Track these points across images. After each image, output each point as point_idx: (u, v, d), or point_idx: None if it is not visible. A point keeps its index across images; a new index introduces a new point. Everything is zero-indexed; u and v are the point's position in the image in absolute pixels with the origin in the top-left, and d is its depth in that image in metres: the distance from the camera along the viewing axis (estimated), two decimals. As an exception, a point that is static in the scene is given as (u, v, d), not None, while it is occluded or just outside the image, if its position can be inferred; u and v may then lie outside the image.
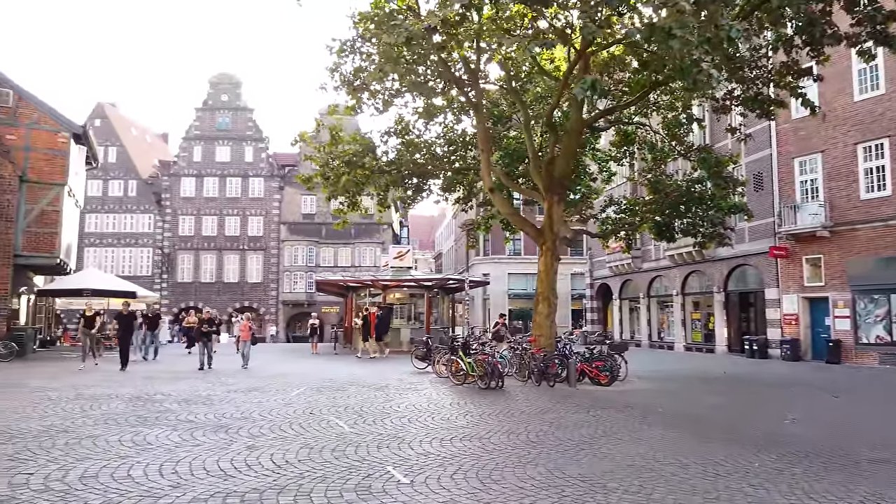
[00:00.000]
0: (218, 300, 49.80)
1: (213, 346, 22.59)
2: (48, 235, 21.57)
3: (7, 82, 21.60)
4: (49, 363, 18.06)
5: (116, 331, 16.23)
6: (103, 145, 51.80)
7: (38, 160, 21.58)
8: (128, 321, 16.26)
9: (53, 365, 17.34)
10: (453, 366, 13.57)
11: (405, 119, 18.31)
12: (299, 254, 51.08)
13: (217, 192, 51.44)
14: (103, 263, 50.75)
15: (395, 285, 25.35)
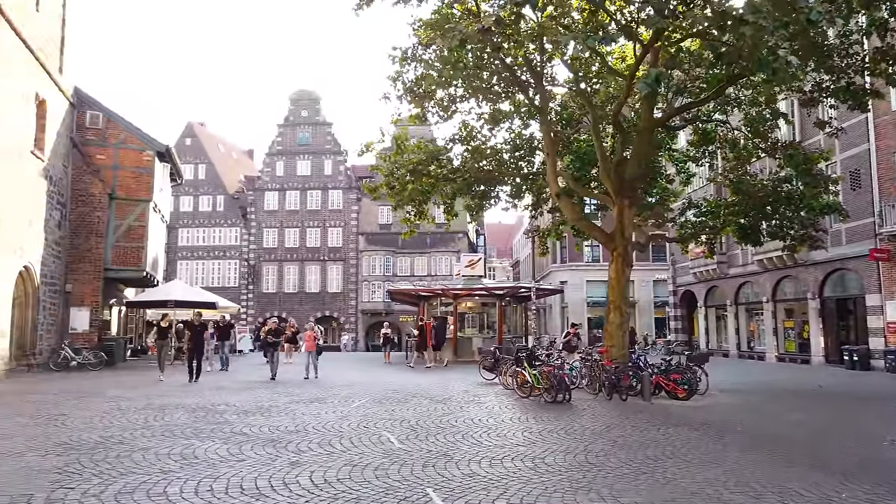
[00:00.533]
0: (300, 310, 51.20)
1: (291, 356, 23.01)
2: (135, 249, 22.64)
3: (97, 105, 22.89)
4: (133, 372, 18.84)
5: (187, 341, 16.24)
6: (193, 163, 54.55)
7: (126, 178, 22.72)
8: (198, 332, 16.16)
9: (137, 374, 18.05)
10: (518, 378, 13.10)
11: (469, 125, 17.99)
12: (377, 263, 51.75)
13: (298, 204, 52.94)
14: (194, 275, 53.24)
15: (465, 294, 25.05)
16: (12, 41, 16.65)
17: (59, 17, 20.73)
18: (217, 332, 20.25)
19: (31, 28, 18.13)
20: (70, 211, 21.65)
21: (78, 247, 21.74)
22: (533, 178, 19.64)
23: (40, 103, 19.12)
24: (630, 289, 42.28)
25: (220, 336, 20.15)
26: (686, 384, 13.06)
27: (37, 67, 18.55)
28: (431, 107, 16.93)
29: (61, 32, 20.96)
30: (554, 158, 15.63)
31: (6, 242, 16.78)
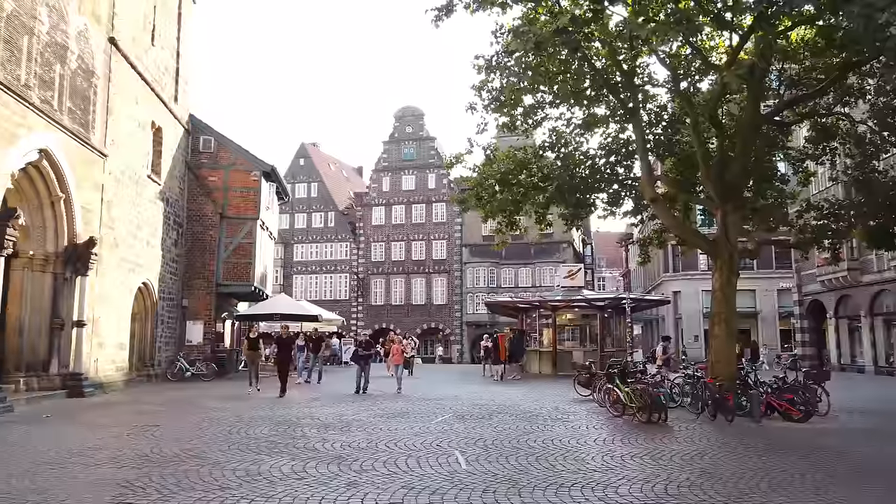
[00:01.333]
0: (407, 322, 51.96)
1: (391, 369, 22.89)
2: (244, 265, 23.79)
3: (209, 130, 24.36)
4: (239, 383, 19.61)
5: (275, 354, 16.41)
6: (306, 182, 57.12)
7: (235, 198, 23.97)
8: (285, 345, 16.09)
9: (241, 385, 18.76)
10: (611, 395, 12.36)
11: (559, 131, 17.39)
12: (480, 275, 51.60)
13: (404, 218, 53.90)
14: (309, 289, 55.53)
15: (564, 306, 24.27)
16: (128, 74, 17.99)
17: (173, 49, 22.27)
18: (309, 345, 20.24)
19: (146, 61, 19.57)
20: (186, 230, 23.09)
21: (193, 264, 23.13)
22: (632, 183, 18.70)
23: (156, 131, 20.56)
24: (753, 299, 39.56)
25: (312, 349, 20.04)
26: (802, 404, 11.81)
27: (153, 97, 19.97)
28: (519, 115, 16.57)
29: (176, 64, 22.51)
30: (648, 162, 14.75)
31: (126, 261, 18.08)
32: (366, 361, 16.60)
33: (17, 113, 12.45)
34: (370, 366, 16.80)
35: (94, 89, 15.78)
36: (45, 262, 14.47)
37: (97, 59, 15.91)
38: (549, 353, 24.24)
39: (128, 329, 18.46)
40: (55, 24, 14.02)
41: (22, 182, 13.66)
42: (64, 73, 14.42)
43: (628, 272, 69.66)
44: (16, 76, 12.48)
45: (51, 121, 13.67)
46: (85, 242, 14.98)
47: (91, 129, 15.67)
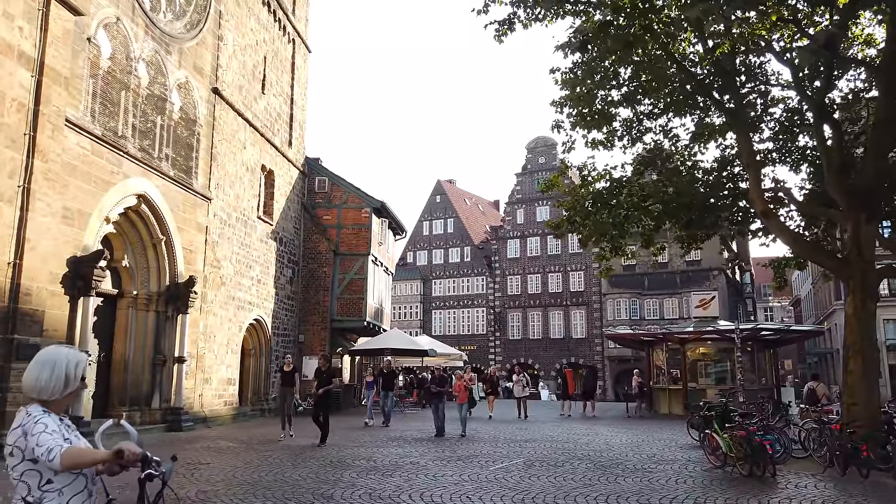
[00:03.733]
0: (545, 356, 50.30)
1: (492, 407, 21.44)
2: (356, 300, 24.08)
3: (324, 171, 25.23)
4: (346, 418, 19.53)
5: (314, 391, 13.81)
6: (442, 218, 57.98)
7: (347, 235, 24.48)
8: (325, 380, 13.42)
9: (346, 420, 18.63)
10: (711, 442, 10.49)
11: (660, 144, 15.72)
12: (622, 307, 48.78)
13: (539, 250, 52.67)
14: (447, 324, 55.85)
15: (693, 338, 21.79)
16: (235, 121, 19.01)
17: (286, 96, 23.41)
18: (380, 380, 18.19)
19: (256, 108, 20.65)
20: (302, 268, 23.86)
21: (308, 300, 23.79)
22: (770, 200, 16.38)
23: (267, 174, 21.54)
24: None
25: (384, 385, 17.78)
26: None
27: (263, 142, 20.98)
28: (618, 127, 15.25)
29: (290, 110, 23.62)
30: (757, 171, 12.75)
31: (234, 299, 18.85)
32: (440, 399, 15.12)
33: (111, 162, 13.38)
34: (444, 403, 15.24)
35: (196, 137, 16.75)
36: (149, 301, 15.32)
37: (200, 108, 16.91)
38: (680, 390, 21.84)
39: (237, 364, 19.13)
40: (153, 79, 15.06)
41: (124, 226, 14.64)
42: (163, 123, 15.41)
43: (798, 301, 62.69)
44: (110, 128, 13.45)
45: (148, 168, 14.58)
46: (185, 282, 15.71)
47: (193, 174, 16.58)
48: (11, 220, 10.62)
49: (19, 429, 2.57)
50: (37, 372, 2.66)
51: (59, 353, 2.73)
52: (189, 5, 16.94)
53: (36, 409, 2.64)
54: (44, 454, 2.49)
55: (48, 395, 2.65)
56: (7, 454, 2.58)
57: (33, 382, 2.65)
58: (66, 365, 2.69)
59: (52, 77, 11.41)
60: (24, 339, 10.72)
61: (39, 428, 2.54)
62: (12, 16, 10.65)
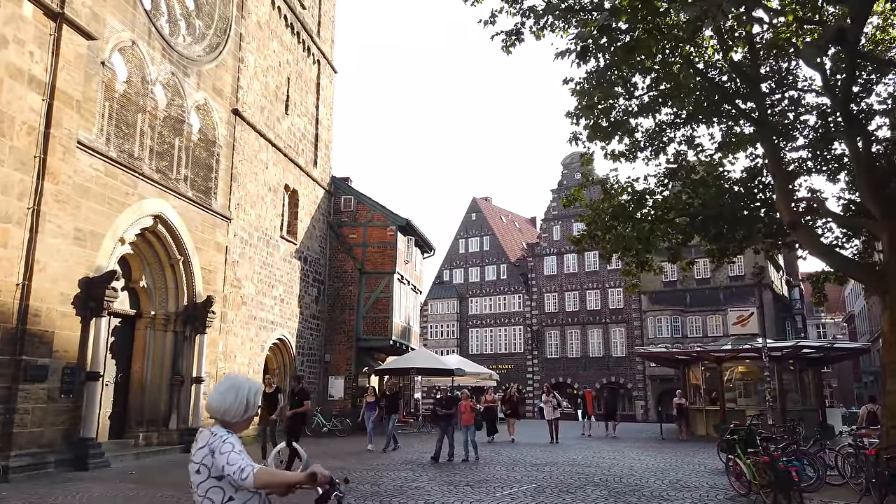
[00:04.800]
0: (584, 375, 49.16)
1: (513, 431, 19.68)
2: (382, 319, 23.87)
3: (349, 190, 25.25)
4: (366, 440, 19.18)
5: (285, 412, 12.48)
6: (478, 236, 57.68)
7: (373, 253, 24.36)
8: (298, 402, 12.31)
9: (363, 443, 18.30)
10: (735, 467, 9.80)
11: (684, 154, 15.11)
12: (663, 324, 47.41)
13: (576, 267, 51.74)
14: (484, 343, 55.30)
15: (730, 357, 20.82)
16: (257, 142, 19.12)
17: (311, 116, 23.55)
18: (383, 402, 17.18)
19: (279, 129, 20.79)
20: (328, 287, 23.80)
21: (334, 319, 23.69)
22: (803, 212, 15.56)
23: (291, 193, 21.61)
24: None
25: (388, 407, 16.65)
26: None
27: (286, 162, 21.07)
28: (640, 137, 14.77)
29: (315, 130, 23.74)
30: (783, 180, 12.07)
31: (256, 319, 18.83)
32: (447, 422, 14.16)
33: (126, 183, 13.50)
34: (453, 426, 14.28)
35: (215, 157, 16.87)
36: (167, 321, 15.37)
37: (219, 129, 17.05)
38: (717, 411, 20.87)
39: (259, 384, 19.01)
40: (171, 101, 15.23)
41: (141, 246, 14.76)
42: (181, 144, 15.55)
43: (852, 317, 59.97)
44: (125, 150, 13.60)
45: (164, 189, 14.68)
46: (203, 302, 15.73)
47: (212, 195, 16.68)
48: (21, 241, 10.73)
49: (206, 447, 2.77)
50: (223, 395, 2.89)
51: (242, 380, 2.99)
52: (209, 29, 17.18)
53: (220, 429, 2.84)
54: (235, 472, 2.65)
55: (231, 418, 2.87)
56: (193, 471, 2.77)
57: (219, 404, 2.88)
58: (247, 392, 2.92)
59: (64, 100, 11.58)
60: (32, 360, 10.79)
61: (227, 447, 2.73)
62: (23, 41, 10.86)
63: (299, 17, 22.48)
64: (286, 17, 21.46)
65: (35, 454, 10.79)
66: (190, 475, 2.77)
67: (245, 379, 3.02)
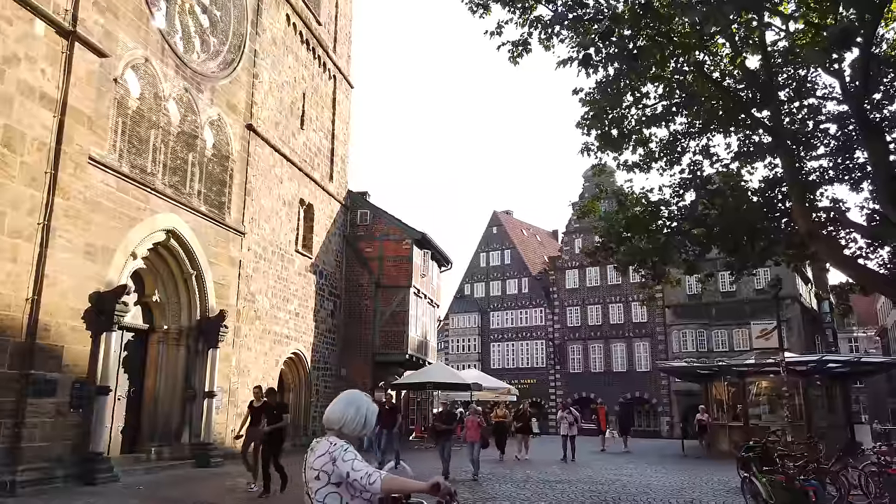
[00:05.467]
0: (608, 391, 48.36)
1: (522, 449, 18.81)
2: (398, 333, 23.75)
3: (366, 204, 25.30)
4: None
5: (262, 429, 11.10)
6: (499, 249, 57.44)
7: (389, 267, 24.30)
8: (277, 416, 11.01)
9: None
10: (750, 486, 9.44)
11: (700, 164, 14.80)
12: (688, 338, 46.52)
13: (598, 280, 51.17)
14: (506, 357, 54.87)
15: (753, 372, 20.27)
16: (271, 157, 19.24)
17: (327, 131, 23.67)
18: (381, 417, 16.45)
19: (294, 144, 20.90)
20: (344, 301, 23.76)
21: (350, 333, 23.63)
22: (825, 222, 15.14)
23: (306, 208, 21.67)
24: None
25: (384, 422, 15.51)
26: None
27: (302, 177, 21.16)
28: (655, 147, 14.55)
29: (331, 144, 23.85)
30: (800, 188, 11.71)
31: (270, 333, 18.83)
32: (446, 438, 13.57)
33: (138, 198, 13.61)
34: (451, 442, 13.74)
35: (229, 172, 16.98)
36: (179, 335, 15.41)
37: (233, 144, 17.17)
38: (740, 427, 20.31)
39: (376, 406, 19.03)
40: (184, 116, 15.38)
41: (154, 261, 14.85)
42: (195, 160, 15.68)
43: (885, 330, 58.36)
44: (137, 165, 13.73)
45: (177, 203, 14.79)
46: (215, 316, 15.76)
47: (226, 209, 16.76)
48: (31, 256, 10.83)
49: (326, 455, 2.96)
50: (344, 409, 3.08)
51: (363, 398, 3.16)
52: (223, 45, 17.37)
53: (337, 439, 3.03)
54: (363, 477, 2.85)
55: (349, 431, 3.06)
56: (312, 477, 2.97)
57: (340, 416, 3.07)
58: (367, 410, 3.12)
59: (75, 117, 11.72)
60: (41, 374, 10.84)
61: (350, 455, 2.95)
62: (34, 59, 11.03)
63: (315, 33, 22.67)
64: (301, 33, 21.65)
65: (43, 468, 10.81)
66: (307, 482, 2.97)
67: (365, 396, 3.19)
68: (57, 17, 11.39)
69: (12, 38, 10.57)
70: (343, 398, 3.14)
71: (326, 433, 3.10)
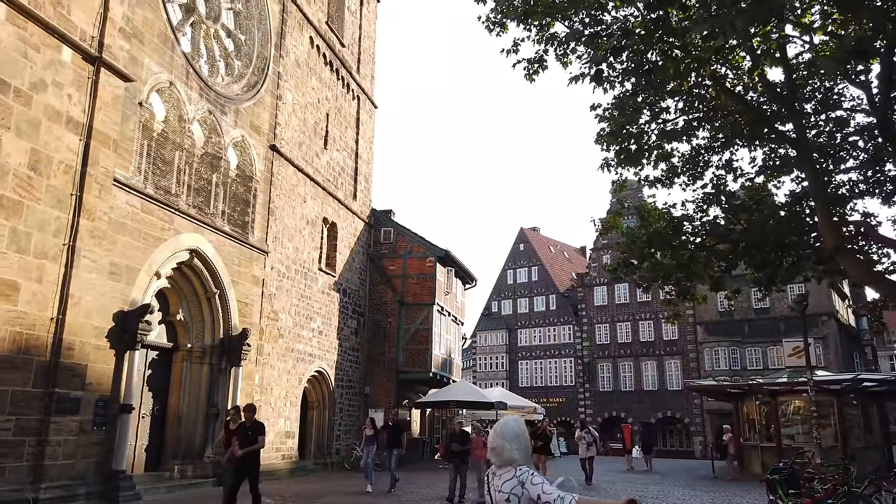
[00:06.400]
0: (639, 409, 47.50)
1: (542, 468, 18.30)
2: (422, 351, 23.68)
3: (389, 222, 25.40)
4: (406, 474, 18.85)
5: None
6: (526, 266, 57.13)
7: (412, 285, 24.31)
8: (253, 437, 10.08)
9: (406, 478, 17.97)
10: (777, 513, 9.12)
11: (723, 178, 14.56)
12: (720, 356, 45.53)
13: (628, 297, 50.51)
14: (534, 375, 54.34)
15: (785, 391, 19.70)
16: (295, 176, 19.46)
17: (351, 151, 23.89)
18: (385, 434, 15.92)
19: (318, 164, 21.13)
20: (367, 319, 23.81)
21: (374, 351, 23.64)
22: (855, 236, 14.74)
23: (330, 226, 21.84)
24: None
25: (390, 441, 15.31)
26: None
27: (325, 196, 21.35)
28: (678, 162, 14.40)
29: (354, 164, 24.06)
30: (826, 203, 11.41)
31: (293, 351, 18.92)
32: (462, 459, 13.04)
33: (162, 219, 13.85)
34: (466, 465, 13.16)
35: (252, 192, 17.21)
36: (203, 354, 15.57)
37: (256, 165, 17.42)
38: (773, 448, 19.73)
39: (296, 417, 19.04)
40: (208, 138, 15.67)
41: (178, 280, 15.07)
42: (218, 180, 15.93)
43: (928, 347, 56.34)
44: (161, 186, 14.00)
45: (201, 223, 15.01)
46: (238, 334, 15.90)
47: (249, 229, 16.97)
48: (56, 276, 11.06)
49: (514, 479, 3.20)
50: (518, 438, 3.31)
51: (515, 425, 3.37)
52: (247, 68, 17.69)
53: (522, 465, 3.27)
54: (556, 500, 3.05)
55: (524, 460, 3.29)
56: (503, 500, 3.19)
57: (517, 445, 3.28)
58: (527, 438, 3.37)
59: (101, 140, 12.01)
60: (64, 392, 11.01)
61: (539, 479, 3.17)
62: (61, 84, 11.34)
63: (338, 54, 22.99)
64: (325, 55, 21.96)
65: (66, 486, 10.94)
66: None
67: (512, 420, 3.40)
68: (83, 43, 11.72)
69: (40, 64, 10.90)
70: (506, 435, 3.29)
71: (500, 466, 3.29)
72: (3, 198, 10.14)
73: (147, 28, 13.72)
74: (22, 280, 10.41)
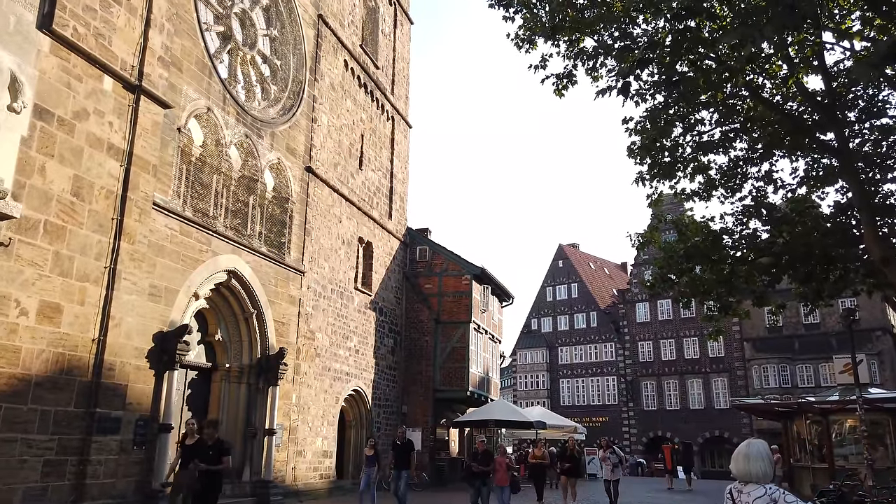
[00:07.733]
0: (685, 429, 46.23)
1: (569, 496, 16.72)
2: (458, 370, 23.54)
3: (425, 241, 25.47)
4: (447, 494, 18.68)
5: None
6: (566, 283, 56.56)
7: (448, 303, 24.25)
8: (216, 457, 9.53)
9: (444, 498, 17.81)
10: (827, 540, 8.69)
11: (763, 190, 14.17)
12: (770, 373, 44.13)
13: (671, 314, 49.46)
14: (575, 393, 53.53)
15: (837, 409, 18.89)
16: (330, 197, 19.70)
17: (386, 171, 24.11)
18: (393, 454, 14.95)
19: (353, 184, 21.36)
20: (404, 337, 23.82)
21: (410, 370, 23.60)
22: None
23: (365, 246, 22.00)
24: None
25: (397, 462, 14.43)
26: None
27: (360, 216, 21.55)
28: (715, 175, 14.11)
29: (389, 184, 24.26)
30: (870, 213, 10.99)
31: (329, 370, 19.02)
32: (482, 481, 12.57)
33: (200, 241, 14.15)
34: (488, 487, 12.65)
35: (289, 213, 17.46)
36: (241, 373, 15.76)
37: (292, 186, 17.69)
38: (825, 469, 18.91)
39: (333, 437, 19.08)
40: (245, 161, 16.00)
41: (216, 301, 15.33)
42: (255, 202, 16.22)
43: None
44: (199, 209, 14.31)
45: (238, 245, 15.28)
46: (275, 354, 16.06)
47: (286, 250, 17.20)
48: (97, 299, 11.36)
49: (766, 496, 3.43)
50: (765, 460, 3.56)
51: (761, 448, 3.62)
52: (282, 92, 18.06)
53: (771, 483, 3.51)
54: None
55: (767, 480, 3.52)
56: None
57: (767, 472, 3.53)
58: (770, 455, 3.62)
59: (141, 165, 12.36)
60: (105, 412, 11.25)
61: (791, 498, 3.41)
62: (103, 112, 11.73)
63: (373, 76, 23.30)
64: (359, 77, 22.29)
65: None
66: None
67: (753, 441, 3.68)
68: (124, 72, 12.12)
69: (82, 94, 11.30)
70: (757, 454, 3.55)
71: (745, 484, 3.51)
72: (48, 223, 10.49)
73: (185, 56, 14.14)
74: (65, 302, 10.72)
